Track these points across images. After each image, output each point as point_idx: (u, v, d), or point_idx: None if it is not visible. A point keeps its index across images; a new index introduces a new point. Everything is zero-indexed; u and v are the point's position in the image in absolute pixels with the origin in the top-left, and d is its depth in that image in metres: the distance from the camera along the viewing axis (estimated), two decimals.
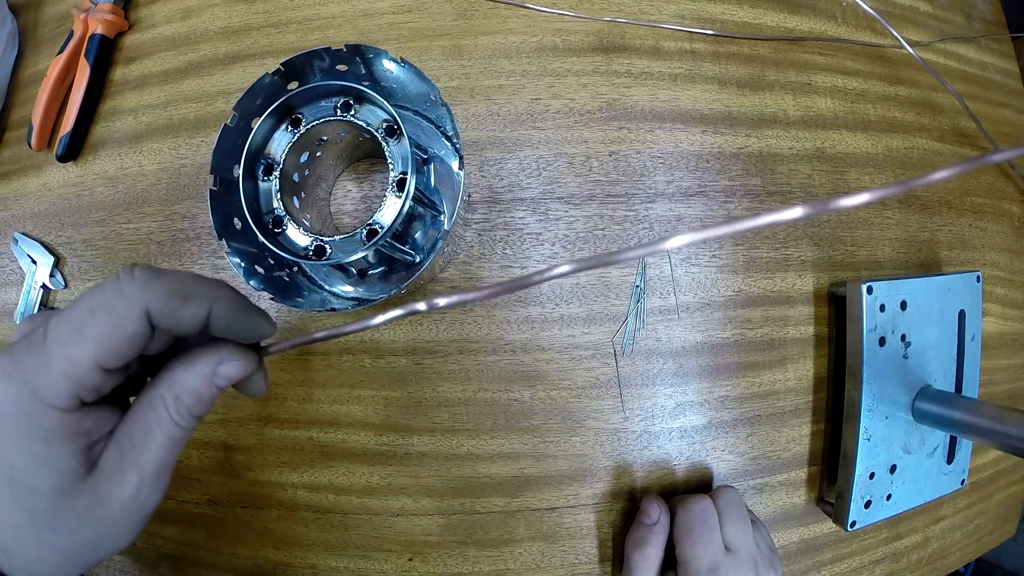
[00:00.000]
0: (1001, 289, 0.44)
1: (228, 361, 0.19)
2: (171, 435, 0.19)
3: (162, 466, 0.19)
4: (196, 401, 0.19)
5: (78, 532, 0.18)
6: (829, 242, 0.38)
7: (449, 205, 0.30)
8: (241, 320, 0.19)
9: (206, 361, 0.19)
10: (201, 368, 0.19)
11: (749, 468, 0.37)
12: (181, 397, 0.18)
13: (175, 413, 0.18)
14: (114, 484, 0.18)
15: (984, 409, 0.32)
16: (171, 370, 0.19)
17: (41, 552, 0.18)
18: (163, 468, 0.19)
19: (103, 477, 0.18)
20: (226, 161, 0.28)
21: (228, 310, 0.18)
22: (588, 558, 0.35)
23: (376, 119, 0.28)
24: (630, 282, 0.35)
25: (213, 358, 0.19)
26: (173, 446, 0.19)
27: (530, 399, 0.34)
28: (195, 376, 0.19)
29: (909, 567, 0.41)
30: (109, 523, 0.18)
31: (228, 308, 0.18)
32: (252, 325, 0.19)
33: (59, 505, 0.17)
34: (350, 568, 0.35)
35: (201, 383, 0.19)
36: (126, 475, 0.18)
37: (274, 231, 0.28)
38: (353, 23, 0.37)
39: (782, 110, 0.38)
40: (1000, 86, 0.47)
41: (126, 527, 0.19)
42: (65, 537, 0.18)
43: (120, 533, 0.19)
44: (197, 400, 0.19)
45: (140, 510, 0.19)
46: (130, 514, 0.18)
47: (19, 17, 0.43)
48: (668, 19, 0.38)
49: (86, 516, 0.18)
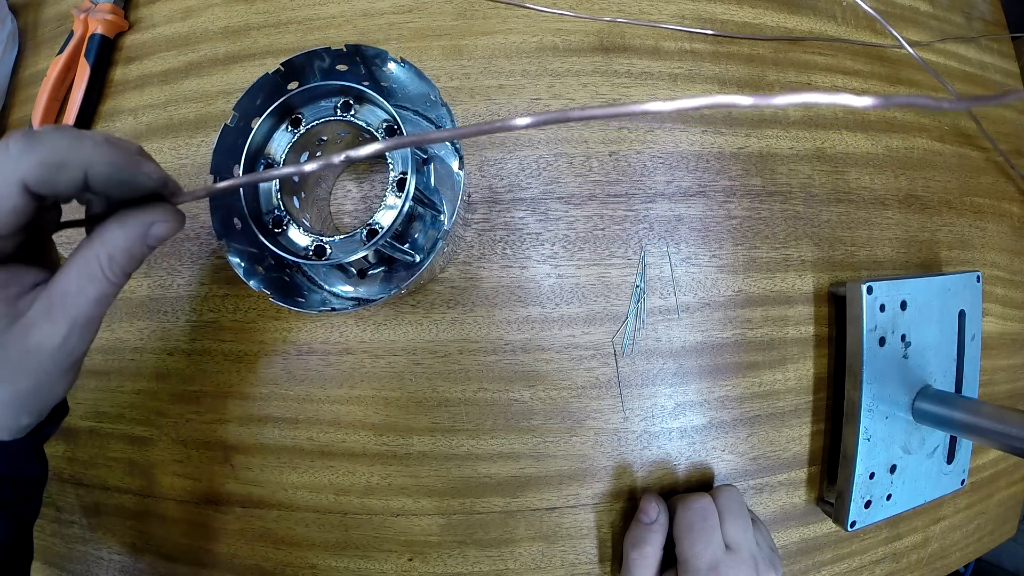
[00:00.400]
0: (1001, 289, 0.44)
1: (159, 223, 0.20)
2: (103, 291, 0.20)
3: (91, 318, 0.20)
4: (129, 259, 0.20)
5: (15, 380, 0.20)
6: (829, 242, 0.38)
7: (449, 205, 0.30)
8: (121, 178, 0.19)
9: (138, 223, 0.20)
10: (133, 229, 0.20)
11: (749, 468, 0.37)
12: (115, 256, 0.20)
13: (108, 270, 0.20)
14: (43, 333, 0.19)
15: (984, 409, 0.32)
16: (105, 230, 0.20)
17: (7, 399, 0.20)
18: (92, 319, 0.20)
19: (33, 327, 0.19)
20: (226, 161, 0.28)
21: (105, 171, 0.18)
22: (588, 558, 0.35)
23: (376, 119, 0.28)
24: (630, 282, 0.35)
25: (145, 219, 0.20)
26: (104, 300, 0.20)
27: (530, 399, 0.34)
28: (127, 236, 0.20)
29: (909, 567, 0.42)
30: (43, 370, 0.20)
31: (105, 169, 0.18)
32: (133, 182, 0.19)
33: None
34: (350, 568, 0.35)
35: (134, 243, 0.20)
36: (56, 325, 0.19)
37: (274, 231, 0.28)
38: (353, 23, 0.37)
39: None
40: (1000, 86, 0.47)
41: (58, 373, 0.21)
42: (4, 387, 0.20)
43: (55, 379, 0.21)
44: (129, 259, 0.20)
45: (69, 357, 0.20)
46: (60, 361, 0.20)
47: (19, 17, 0.43)
48: (668, 19, 0.38)
49: (19, 364, 0.20)
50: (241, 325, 0.36)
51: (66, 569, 0.39)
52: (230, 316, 0.36)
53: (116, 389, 0.37)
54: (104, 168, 0.18)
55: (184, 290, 0.36)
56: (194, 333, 0.36)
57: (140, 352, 0.37)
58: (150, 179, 0.20)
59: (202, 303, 0.36)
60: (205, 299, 0.36)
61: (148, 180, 0.20)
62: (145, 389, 0.37)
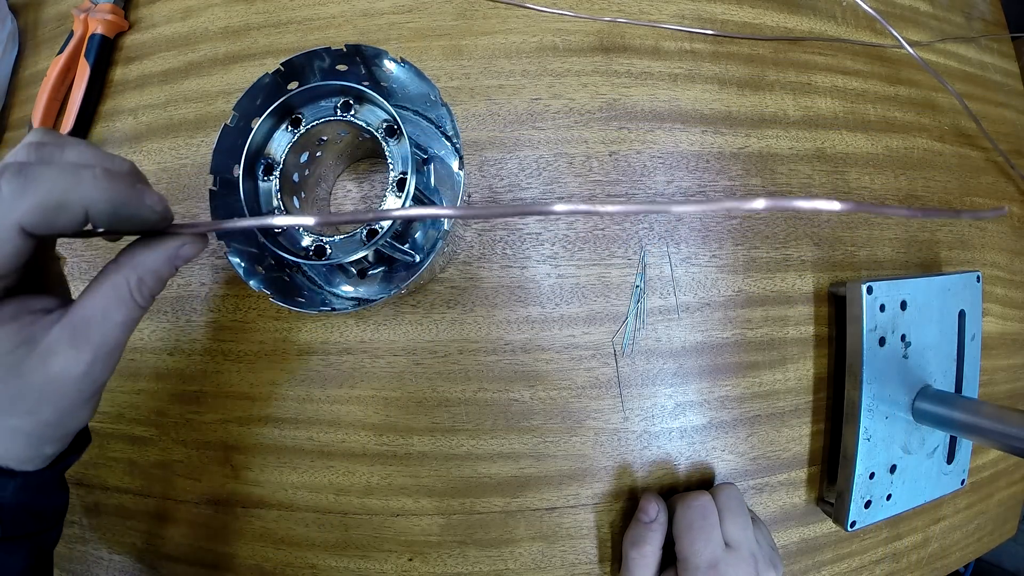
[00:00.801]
0: (1001, 289, 0.44)
1: (187, 244, 0.21)
2: (130, 315, 0.20)
3: (117, 344, 0.20)
4: (157, 282, 0.20)
5: (37, 410, 0.19)
6: (829, 242, 0.38)
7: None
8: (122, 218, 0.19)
9: (168, 245, 0.20)
10: (164, 251, 0.20)
11: (749, 468, 0.37)
12: (144, 279, 0.20)
13: (137, 294, 0.20)
14: (66, 362, 0.19)
15: (984, 409, 0.32)
16: (133, 254, 0.20)
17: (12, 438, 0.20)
18: (117, 346, 0.20)
19: (53, 355, 0.19)
20: (226, 161, 0.28)
21: (107, 208, 0.18)
22: (588, 558, 0.35)
23: (376, 119, 0.28)
24: (630, 282, 0.35)
25: (176, 242, 0.21)
26: (130, 325, 0.20)
27: (530, 399, 0.34)
28: (157, 259, 0.20)
29: (909, 567, 0.42)
30: (66, 399, 0.19)
31: (107, 207, 0.18)
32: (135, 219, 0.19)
33: (12, 387, 0.19)
34: (350, 568, 0.35)
35: (162, 265, 0.20)
36: (80, 353, 0.19)
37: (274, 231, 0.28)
38: (353, 23, 0.37)
39: (782, 110, 0.38)
40: (1000, 86, 0.48)
41: (81, 402, 0.20)
42: (27, 419, 0.19)
43: (78, 407, 0.20)
44: (158, 281, 0.20)
45: (93, 385, 0.20)
46: (84, 389, 0.20)
47: (19, 17, 0.43)
48: (668, 19, 0.38)
49: (42, 393, 0.19)
50: (241, 325, 0.36)
51: (66, 569, 0.39)
52: (230, 316, 0.36)
53: (116, 389, 0.37)
54: (106, 206, 0.18)
55: (184, 290, 0.36)
56: (194, 333, 0.36)
57: (140, 352, 0.37)
58: (153, 212, 0.19)
59: (202, 303, 0.36)
60: (205, 299, 0.36)
61: (152, 214, 0.19)
62: (145, 389, 0.37)
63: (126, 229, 0.20)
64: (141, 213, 0.19)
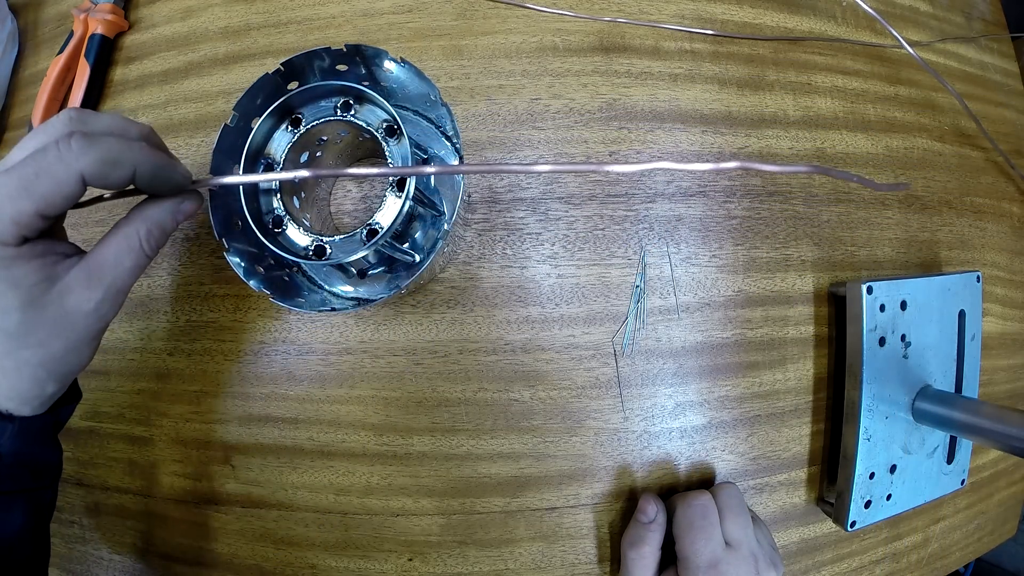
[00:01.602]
0: (1001, 289, 0.44)
1: (187, 200, 0.24)
2: (138, 262, 0.23)
3: (124, 287, 0.23)
4: (162, 233, 0.24)
5: (48, 343, 0.22)
6: (829, 242, 0.38)
7: (449, 205, 0.30)
8: (160, 178, 0.22)
9: (173, 201, 0.24)
10: (169, 206, 0.24)
11: (749, 468, 0.37)
12: (152, 230, 0.23)
13: (145, 243, 0.23)
14: (81, 298, 0.22)
15: (984, 409, 0.32)
16: (143, 209, 0.23)
17: (19, 372, 0.22)
18: (124, 288, 0.23)
19: (70, 292, 0.21)
20: (226, 161, 0.28)
21: (150, 170, 0.22)
22: (588, 558, 0.35)
23: (376, 119, 0.28)
24: (630, 282, 0.35)
25: (178, 199, 0.24)
26: (137, 271, 0.23)
27: (530, 399, 0.34)
28: (164, 212, 0.23)
29: (909, 567, 0.42)
30: (75, 333, 0.22)
31: (150, 168, 0.22)
32: (169, 180, 0.23)
33: (30, 317, 0.21)
34: (350, 568, 0.35)
35: (168, 217, 0.24)
36: (93, 291, 0.22)
37: (274, 231, 0.28)
38: (353, 23, 0.37)
39: (782, 110, 0.38)
40: (1000, 86, 0.48)
41: (88, 338, 0.23)
42: (38, 350, 0.22)
43: (83, 343, 0.23)
44: (162, 232, 0.24)
45: (100, 322, 0.23)
46: (92, 325, 0.22)
47: (19, 17, 0.43)
48: (668, 19, 0.38)
49: (54, 326, 0.21)
50: (241, 325, 0.36)
51: (66, 569, 0.39)
52: (230, 316, 0.36)
53: (116, 389, 0.37)
54: (149, 168, 0.22)
55: (184, 290, 0.36)
56: (194, 333, 0.36)
57: (140, 352, 0.37)
58: (184, 178, 0.24)
59: (202, 303, 0.36)
60: (205, 299, 0.36)
61: (182, 179, 0.23)
62: (145, 389, 0.37)
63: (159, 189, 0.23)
64: (174, 179, 0.23)
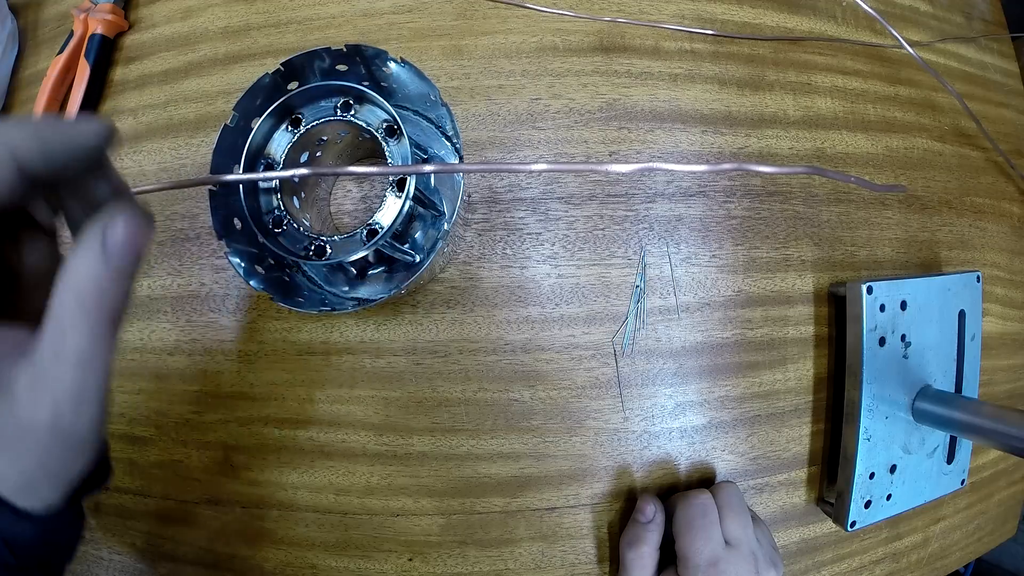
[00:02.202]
0: (1001, 289, 0.44)
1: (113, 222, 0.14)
2: (80, 348, 0.14)
3: (80, 388, 0.15)
4: (101, 295, 0.14)
5: (18, 460, 0.16)
6: (829, 242, 0.38)
7: (449, 205, 0.30)
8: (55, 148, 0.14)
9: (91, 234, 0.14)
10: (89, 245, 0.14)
11: (749, 468, 0.37)
12: (83, 297, 0.14)
13: (82, 321, 0.14)
14: (33, 409, 0.15)
15: (984, 409, 0.32)
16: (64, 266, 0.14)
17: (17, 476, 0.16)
18: (83, 389, 0.15)
19: (19, 402, 0.15)
20: (226, 161, 0.28)
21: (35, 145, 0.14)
22: (588, 558, 0.35)
23: (376, 119, 0.28)
24: (630, 282, 0.35)
25: (96, 228, 0.14)
26: (88, 363, 0.15)
27: (530, 399, 0.34)
28: (86, 260, 0.14)
29: (909, 567, 0.41)
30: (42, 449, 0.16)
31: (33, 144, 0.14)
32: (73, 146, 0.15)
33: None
34: (350, 568, 0.35)
35: (96, 267, 0.14)
36: (40, 399, 0.15)
37: (274, 231, 0.28)
38: (353, 23, 0.37)
39: (782, 110, 0.38)
40: (1000, 86, 0.47)
41: (64, 451, 0.16)
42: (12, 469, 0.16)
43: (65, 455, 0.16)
44: (101, 293, 0.14)
45: (72, 436, 0.16)
46: (64, 439, 0.15)
47: (19, 17, 0.43)
48: (668, 19, 0.38)
49: (19, 443, 0.15)
50: (241, 325, 0.36)
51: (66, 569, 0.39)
52: (230, 316, 0.36)
53: (116, 389, 0.37)
54: (32, 142, 0.14)
55: (184, 290, 0.36)
56: (194, 333, 0.36)
57: (140, 352, 0.37)
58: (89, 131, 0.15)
59: (202, 303, 0.36)
60: (205, 299, 0.36)
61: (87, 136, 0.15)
62: (145, 389, 0.37)
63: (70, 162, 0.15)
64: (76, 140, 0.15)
